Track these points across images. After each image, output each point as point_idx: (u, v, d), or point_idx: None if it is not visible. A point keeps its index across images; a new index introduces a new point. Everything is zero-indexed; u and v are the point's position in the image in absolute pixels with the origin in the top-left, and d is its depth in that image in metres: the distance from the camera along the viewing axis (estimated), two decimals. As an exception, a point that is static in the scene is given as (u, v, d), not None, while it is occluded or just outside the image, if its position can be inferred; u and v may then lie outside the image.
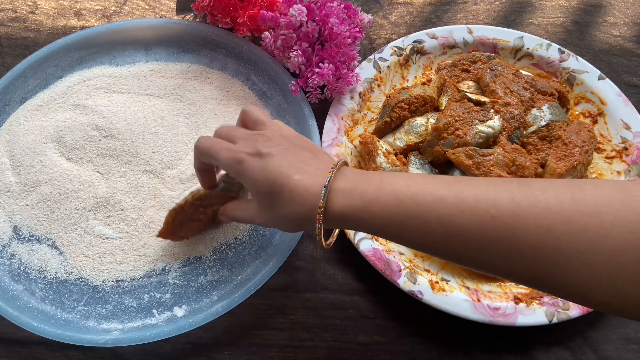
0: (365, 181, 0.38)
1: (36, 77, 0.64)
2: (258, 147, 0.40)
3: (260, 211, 0.42)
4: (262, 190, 0.40)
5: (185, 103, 0.62)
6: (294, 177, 0.38)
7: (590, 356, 0.51)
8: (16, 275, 0.53)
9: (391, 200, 0.37)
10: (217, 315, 0.49)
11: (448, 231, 0.35)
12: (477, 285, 0.52)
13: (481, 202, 0.34)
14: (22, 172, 0.57)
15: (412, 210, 0.36)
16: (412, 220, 0.36)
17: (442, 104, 0.60)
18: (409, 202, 0.36)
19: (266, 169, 0.39)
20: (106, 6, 0.73)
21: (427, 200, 0.35)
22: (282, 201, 0.39)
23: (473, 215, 0.34)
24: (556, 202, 0.33)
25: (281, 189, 0.38)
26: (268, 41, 0.62)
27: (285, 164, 0.39)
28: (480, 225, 0.34)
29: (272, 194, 0.39)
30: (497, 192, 0.34)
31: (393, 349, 0.51)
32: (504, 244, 0.33)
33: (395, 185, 0.37)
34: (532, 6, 0.75)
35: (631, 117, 0.61)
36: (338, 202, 0.38)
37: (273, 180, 0.39)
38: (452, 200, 0.35)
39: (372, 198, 0.37)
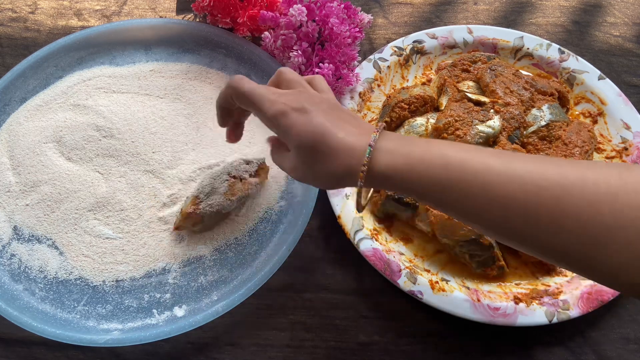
0: (411, 143, 0.38)
1: (36, 77, 0.64)
2: (302, 102, 0.40)
3: (299, 165, 0.41)
4: (305, 145, 0.39)
5: (185, 103, 0.62)
6: (338, 134, 0.38)
7: (590, 356, 0.51)
8: (16, 275, 0.53)
9: (438, 163, 0.36)
10: (217, 315, 0.49)
11: (493, 199, 0.34)
12: (477, 285, 0.52)
13: (530, 173, 0.34)
14: (22, 172, 0.57)
15: (459, 174, 0.35)
16: (458, 184, 0.35)
17: (442, 104, 0.60)
18: (456, 165, 0.36)
19: (311, 123, 0.38)
20: (106, 6, 0.73)
21: (475, 166, 0.35)
22: (324, 156, 0.38)
23: (520, 184, 0.34)
24: (604, 179, 0.33)
25: (325, 144, 0.38)
26: (268, 41, 0.62)
27: (329, 121, 0.39)
28: (525, 195, 0.34)
29: (314, 148, 0.38)
30: (546, 166, 0.34)
31: (393, 349, 0.51)
32: (547, 216, 0.33)
33: (444, 150, 0.37)
34: (532, 6, 0.75)
35: (631, 117, 0.61)
36: (382, 161, 0.37)
37: (317, 135, 0.38)
38: (500, 169, 0.35)
39: (418, 159, 0.37)
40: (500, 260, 0.52)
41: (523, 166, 0.35)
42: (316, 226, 0.57)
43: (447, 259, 0.55)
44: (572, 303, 0.50)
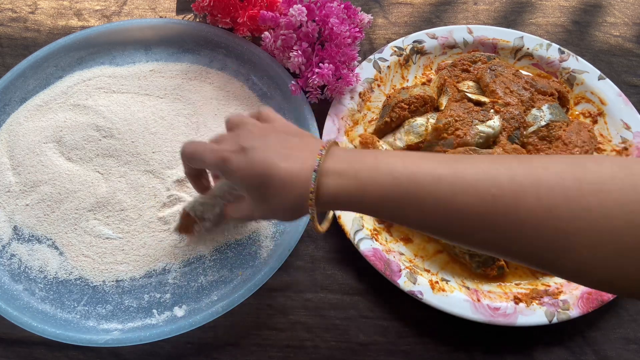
0: (358, 161, 0.37)
1: (36, 77, 0.64)
2: (240, 143, 0.39)
3: (255, 206, 0.41)
4: (252, 185, 0.39)
5: (185, 103, 0.62)
6: (281, 166, 0.37)
7: (590, 356, 0.51)
8: (16, 275, 0.53)
9: (388, 180, 0.35)
10: (217, 315, 0.49)
11: (447, 211, 0.34)
12: (477, 285, 0.52)
13: (481, 181, 0.33)
14: (22, 172, 0.57)
15: (410, 191, 0.35)
16: (410, 201, 0.35)
17: (442, 104, 0.60)
18: (406, 182, 0.35)
19: (251, 163, 0.38)
20: (106, 6, 0.73)
21: (425, 179, 0.35)
22: (273, 192, 0.38)
23: (473, 194, 0.33)
24: (558, 181, 0.32)
25: (269, 179, 0.37)
26: (268, 41, 0.62)
27: (270, 153, 0.38)
28: (480, 205, 0.33)
29: (261, 187, 0.38)
30: (497, 170, 0.34)
31: (393, 349, 0.51)
32: (505, 224, 0.33)
33: (392, 165, 0.36)
34: (532, 6, 0.75)
35: (631, 117, 0.61)
36: (331, 184, 0.37)
37: (260, 173, 0.37)
38: (451, 180, 0.34)
39: (367, 178, 0.36)
40: (500, 260, 0.52)
41: (474, 174, 0.34)
42: (316, 226, 0.57)
43: (447, 259, 0.55)
44: (572, 303, 0.50)
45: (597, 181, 0.32)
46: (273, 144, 0.39)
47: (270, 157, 0.38)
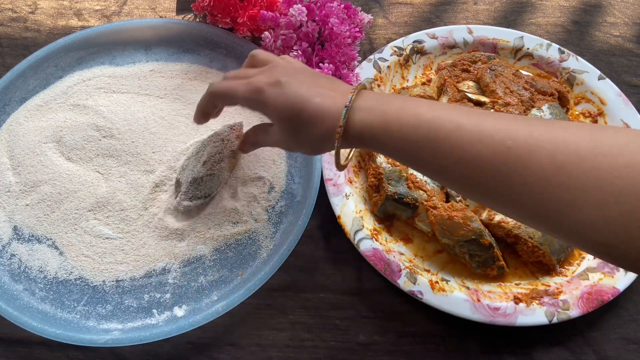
0: (386, 102, 0.39)
1: (36, 77, 0.64)
2: (275, 75, 0.41)
3: (283, 136, 0.43)
4: (284, 116, 0.40)
5: (185, 103, 0.62)
6: (314, 100, 0.39)
7: (590, 356, 0.51)
8: (16, 275, 0.53)
9: (411, 122, 0.37)
10: (217, 315, 0.49)
11: (462, 157, 0.35)
12: (477, 285, 0.52)
13: (499, 132, 0.34)
14: (22, 172, 0.57)
15: (430, 134, 0.36)
16: (429, 144, 0.36)
17: (442, 104, 0.60)
18: (427, 125, 0.36)
19: (286, 95, 0.40)
20: (106, 6, 0.73)
21: (446, 126, 0.36)
22: (303, 124, 0.39)
23: (489, 144, 0.34)
24: (574, 140, 0.33)
25: (302, 112, 0.39)
26: (268, 41, 0.62)
27: (304, 88, 0.40)
28: (494, 155, 0.34)
29: (293, 118, 0.40)
30: (517, 125, 0.34)
31: (393, 349, 0.51)
32: (515, 176, 0.33)
33: (417, 109, 0.37)
34: (532, 6, 0.75)
35: (631, 117, 0.61)
36: (358, 120, 0.38)
37: (293, 105, 0.39)
38: (470, 128, 0.35)
39: (393, 118, 0.37)
40: (500, 260, 0.52)
41: (493, 125, 0.35)
42: (316, 226, 0.57)
43: (447, 259, 0.55)
44: (572, 303, 0.50)
45: (612, 144, 0.32)
46: (306, 80, 0.41)
47: (304, 91, 0.40)
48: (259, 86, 0.41)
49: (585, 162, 0.32)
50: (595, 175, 0.31)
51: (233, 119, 0.61)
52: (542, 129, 0.34)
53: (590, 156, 0.32)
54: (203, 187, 0.53)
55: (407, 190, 0.54)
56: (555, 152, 0.32)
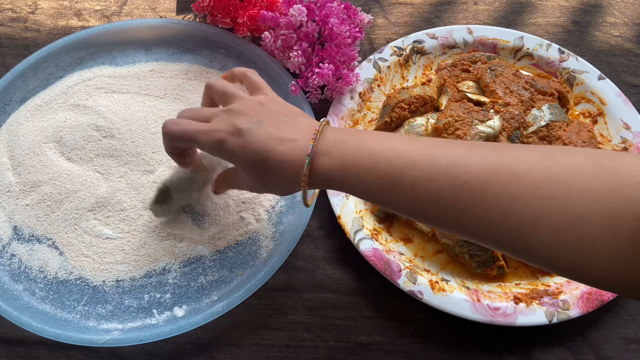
0: (344, 141, 0.39)
1: (36, 77, 0.64)
2: (235, 124, 0.40)
3: (251, 181, 0.43)
4: (249, 166, 0.40)
5: (185, 103, 0.62)
6: (278, 149, 0.39)
7: (590, 356, 0.51)
8: (16, 275, 0.53)
9: (368, 162, 0.37)
10: (217, 315, 0.49)
11: (421, 195, 0.36)
12: (477, 285, 0.52)
13: (454, 167, 0.35)
14: (22, 172, 0.57)
15: (388, 174, 0.37)
16: (387, 183, 0.37)
17: (442, 104, 0.60)
18: (385, 165, 0.37)
19: (249, 146, 0.39)
20: (106, 6, 0.73)
21: (403, 164, 0.36)
22: (268, 172, 0.40)
23: (446, 180, 0.35)
24: (526, 170, 0.34)
25: (267, 162, 0.39)
26: (268, 41, 0.62)
27: (265, 136, 0.39)
28: (452, 191, 0.35)
29: (259, 167, 0.40)
30: (470, 158, 0.35)
31: (393, 349, 0.51)
32: (474, 209, 0.34)
33: (373, 147, 0.38)
34: (532, 6, 0.75)
35: (631, 117, 0.61)
36: (320, 166, 0.38)
37: (258, 155, 0.39)
38: (427, 165, 0.36)
39: (350, 159, 0.38)
40: (500, 260, 0.52)
41: (448, 161, 0.35)
42: (316, 226, 0.57)
43: (447, 259, 0.55)
44: (572, 303, 0.50)
45: (564, 172, 0.33)
46: (268, 126, 0.40)
47: (267, 140, 0.39)
48: (219, 137, 0.40)
49: (539, 191, 0.33)
50: (551, 204, 0.32)
51: None
52: (495, 159, 0.35)
53: (543, 185, 0.33)
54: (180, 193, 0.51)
55: (407, 190, 0.54)
56: (509, 183, 0.34)
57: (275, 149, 0.39)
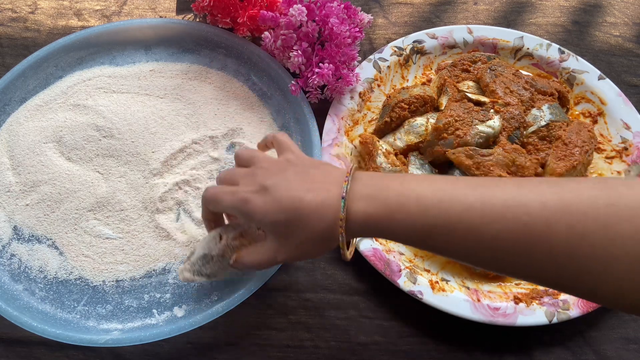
0: (385, 187, 0.37)
1: (36, 77, 0.64)
2: (260, 182, 0.39)
3: (278, 246, 0.40)
4: (277, 222, 0.38)
5: (185, 103, 0.62)
6: (307, 197, 0.37)
7: (590, 356, 0.51)
8: (16, 275, 0.53)
9: (415, 208, 0.35)
10: (217, 315, 0.49)
11: (478, 240, 0.34)
12: (477, 285, 0.52)
13: (511, 208, 0.33)
14: (22, 172, 0.57)
15: (440, 220, 0.34)
16: (440, 230, 0.35)
17: (442, 104, 0.60)
18: (435, 211, 0.35)
19: (275, 200, 0.38)
20: (106, 6, 0.73)
21: (455, 209, 0.34)
22: (300, 225, 0.37)
23: (504, 223, 0.33)
24: (590, 206, 0.32)
25: (297, 213, 0.37)
26: (268, 41, 0.62)
27: (293, 188, 0.38)
28: (511, 233, 0.33)
29: (288, 222, 0.37)
30: (526, 196, 0.33)
31: (393, 349, 0.51)
32: (537, 251, 0.32)
33: (419, 192, 0.36)
34: (532, 6, 0.75)
35: (631, 117, 0.61)
36: (359, 211, 0.36)
37: (286, 208, 0.37)
38: (480, 207, 0.34)
39: (396, 205, 0.35)
40: (500, 260, 0.52)
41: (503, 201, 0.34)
42: (316, 226, 0.57)
43: (447, 259, 0.55)
44: (572, 303, 0.50)
45: (631, 206, 0.31)
46: (294, 178, 0.39)
47: (295, 191, 0.37)
48: (244, 197, 0.39)
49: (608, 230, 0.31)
50: (622, 243, 0.30)
51: (233, 120, 0.61)
52: (553, 196, 0.33)
53: (612, 223, 0.31)
54: (210, 267, 0.49)
55: (407, 190, 0.54)
56: (573, 222, 0.31)
57: (304, 198, 0.37)
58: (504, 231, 0.33)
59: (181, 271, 0.49)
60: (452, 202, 0.35)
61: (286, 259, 0.40)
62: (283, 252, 0.40)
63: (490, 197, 0.34)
